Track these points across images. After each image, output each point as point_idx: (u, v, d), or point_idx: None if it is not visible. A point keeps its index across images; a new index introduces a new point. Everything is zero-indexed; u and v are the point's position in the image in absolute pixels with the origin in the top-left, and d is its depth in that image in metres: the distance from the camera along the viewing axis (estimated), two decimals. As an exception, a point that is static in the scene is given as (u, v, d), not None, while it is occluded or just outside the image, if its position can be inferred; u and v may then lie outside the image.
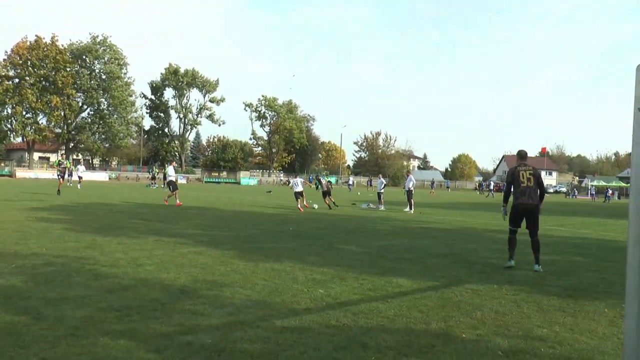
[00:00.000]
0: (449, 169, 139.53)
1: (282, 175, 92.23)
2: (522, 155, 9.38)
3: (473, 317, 5.63)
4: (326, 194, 24.77)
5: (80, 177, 38.54)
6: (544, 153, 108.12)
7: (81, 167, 40.65)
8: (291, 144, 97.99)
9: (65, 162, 35.92)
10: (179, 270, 7.57)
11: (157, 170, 49.45)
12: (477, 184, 65.64)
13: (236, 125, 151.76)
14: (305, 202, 23.20)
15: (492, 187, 65.28)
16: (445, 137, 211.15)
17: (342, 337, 4.79)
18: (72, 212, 16.81)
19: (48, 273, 7.05)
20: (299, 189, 22.66)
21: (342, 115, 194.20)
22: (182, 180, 69.07)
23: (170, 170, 22.76)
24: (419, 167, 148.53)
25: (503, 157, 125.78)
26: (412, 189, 24.40)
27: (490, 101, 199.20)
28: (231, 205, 23.75)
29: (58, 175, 31.47)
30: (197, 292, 6.30)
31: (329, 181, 27.31)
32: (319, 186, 28.70)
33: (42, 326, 4.75)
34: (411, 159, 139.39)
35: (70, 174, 39.51)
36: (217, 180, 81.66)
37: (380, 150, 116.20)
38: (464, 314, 5.74)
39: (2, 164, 67.13)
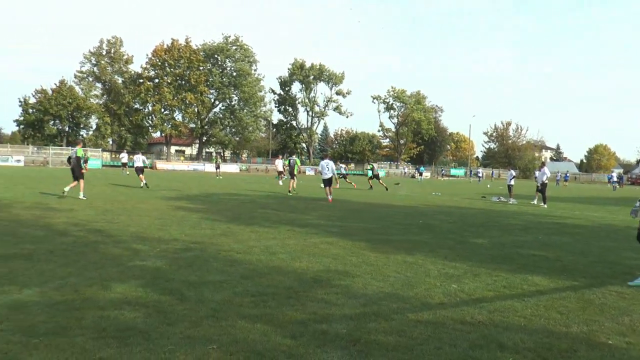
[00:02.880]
0: (584, 161, 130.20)
1: (409, 166, 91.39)
2: None
3: (620, 323, 5.20)
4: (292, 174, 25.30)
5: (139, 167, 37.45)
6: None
7: (124, 155, 43.50)
8: (419, 136, 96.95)
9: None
10: (311, 260, 7.74)
11: (286, 163, 51.03)
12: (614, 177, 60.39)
13: (364, 117, 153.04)
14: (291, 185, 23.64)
15: (615, 179, 59.53)
16: (581, 126, 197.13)
17: (477, 334, 4.64)
18: (207, 202, 17.85)
19: (188, 258, 7.54)
20: (326, 175, 21.07)
21: (471, 105, 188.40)
22: (310, 172, 70.82)
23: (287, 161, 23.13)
24: (551, 159, 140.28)
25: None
26: (546, 182, 23.14)
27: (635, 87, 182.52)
28: (360, 197, 23.88)
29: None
30: (330, 281, 6.40)
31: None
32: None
33: (186, 306, 5.09)
34: (543, 150, 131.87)
35: (218, 167, 43.06)
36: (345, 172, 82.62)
37: (510, 141, 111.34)
38: (608, 319, 5.32)
39: (145, 157, 73.03)
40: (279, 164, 36.21)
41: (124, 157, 43.58)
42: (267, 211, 15.41)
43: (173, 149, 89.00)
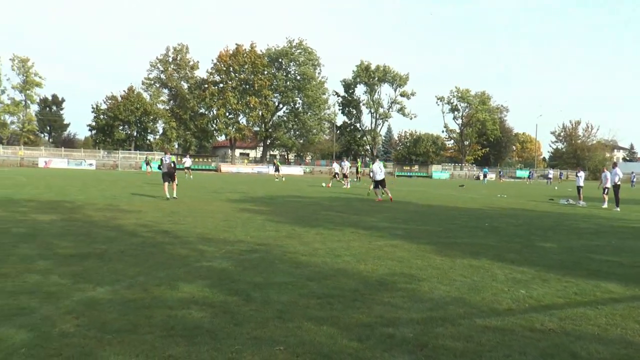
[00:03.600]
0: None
1: (474, 168, 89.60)
2: None
3: None
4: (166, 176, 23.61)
5: (187, 168, 42.18)
6: None
7: (187, 160, 44.30)
8: (484, 136, 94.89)
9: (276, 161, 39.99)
10: (376, 263, 7.69)
11: (349, 165, 51.18)
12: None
13: (428, 119, 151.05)
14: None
15: None
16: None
17: (548, 343, 4.47)
18: (271, 204, 18.06)
19: (253, 259, 7.63)
20: (381, 176, 21.83)
21: (539, 104, 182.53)
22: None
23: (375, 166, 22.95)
24: (624, 159, 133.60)
25: None
26: (619, 183, 22.17)
27: None
28: (424, 199, 23.59)
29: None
30: (395, 285, 6.33)
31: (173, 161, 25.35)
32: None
33: (252, 307, 5.15)
34: (615, 150, 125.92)
35: (277, 169, 44.06)
36: (408, 174, 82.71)
37: (579, 141, 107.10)
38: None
39: (209, 160, 74.91)
40: (337, 167, 38.36)
41: (187, 161, 44.60)
42: (331, 213, 15.45)
43: (237, 152, 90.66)
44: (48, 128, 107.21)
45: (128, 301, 5.25)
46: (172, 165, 19.15)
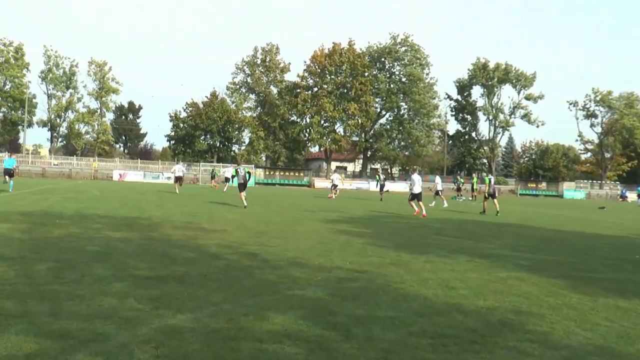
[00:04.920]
0: None
1: (618, 186, 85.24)
2: None
3: None
4: (242, 186, 24.35)
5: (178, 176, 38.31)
6: None
7: (178, 167, 40.98)
8: (631, 147, 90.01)
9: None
10: (498, 298, 7.47)
11: (462, 181, 50.34)
12: None
13: (558, 127, 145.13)
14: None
15: None
16: None
17: None
18: (372, 225, 18.07)
19: (354, 289, 7.63)
20: (419, 189, 23.81)
21: None
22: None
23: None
24: None
25: None
26: None
27: None
28: (553, 224, 22.75)
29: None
30: (522, 326, 6.11)
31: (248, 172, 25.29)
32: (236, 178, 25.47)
33: (353, 345, 5.13)
34: None
35: (382, 188, 43.36)
36: (534, 192, 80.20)
37: None
38: None
39: (302, 174, 75.81)
40: (337, 177, 41.96)
41: (228, 171, 43.92)
42: (443, 237, 15.25)
43: (333, 165, 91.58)
44: (123, 138, 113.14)
45: (212, 331, 5.38)
46: (247, 176, 23.91)
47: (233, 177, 24.07)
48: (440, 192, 35.09)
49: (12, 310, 5.71)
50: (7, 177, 29.05)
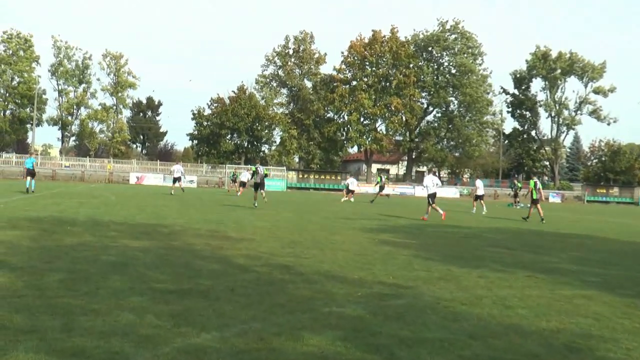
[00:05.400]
0: None
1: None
2: None
3: None
4: (258, 186, 27.86)
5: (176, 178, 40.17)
6: None
7: (177, 167, 41.71)
8: None
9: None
10: (562, 319, 7.36)
11: (519, 185, 50.00)
12: None
13: (632, 124, 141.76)
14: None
15: None
16: None
17: None
18: (419, 236, 18.01)
19: (398, 306, 7.60)
20: (432, 190, 25.61)
21: None
22: (555, 199, 68.31)
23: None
24: None
25: None
26: None
27: None
28: (627, 235, 22.42)
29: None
30: (592, 351, 6.01)
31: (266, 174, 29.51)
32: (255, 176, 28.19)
33: (398, 370, 5.09)
34: None
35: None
36: (604, 198, 79.23)
37: None
38: None
39: (339, 177, 75.63)
40: (353, 182, 42.94)
41: (244, 175, 44.42)
42: (499, 250, 15.11)
43: (374, 167, 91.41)
44: (141, 137, 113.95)
45: (240, 352, 5.39)
46: (264, 176, 27.56)
47: (252, 175, 27.45)
48: (481, 197, 35.06)
49: (22, 325, 5.79)
50: (29, 177, 32.03)
